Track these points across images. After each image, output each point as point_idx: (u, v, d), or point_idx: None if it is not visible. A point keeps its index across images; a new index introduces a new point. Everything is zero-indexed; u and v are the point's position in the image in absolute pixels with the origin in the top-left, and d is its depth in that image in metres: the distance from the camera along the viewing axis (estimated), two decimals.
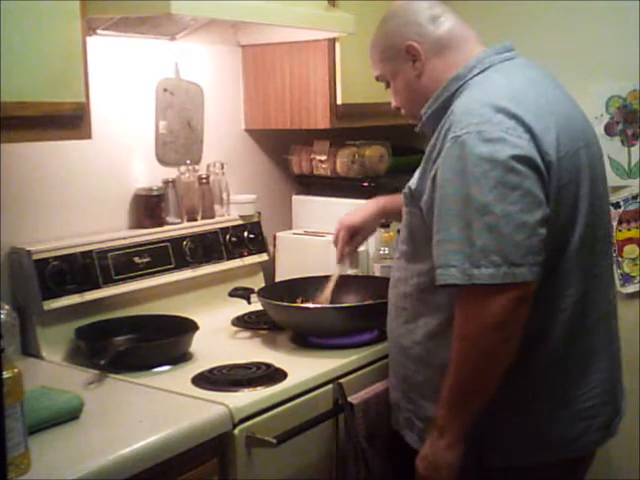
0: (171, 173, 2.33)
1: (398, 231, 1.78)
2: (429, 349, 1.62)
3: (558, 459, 1.59)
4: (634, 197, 2.52)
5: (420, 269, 1.61)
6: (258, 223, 2.51)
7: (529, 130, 1.45)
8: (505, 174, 1.41)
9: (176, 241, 2.24)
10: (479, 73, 1.59)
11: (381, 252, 2.39)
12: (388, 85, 1.75)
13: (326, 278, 2.13)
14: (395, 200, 1.90)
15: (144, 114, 2.28)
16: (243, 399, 1.65)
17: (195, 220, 2.35)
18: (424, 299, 1.62)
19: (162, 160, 2.33)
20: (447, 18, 1.66)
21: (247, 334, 2.14)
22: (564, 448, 1.58)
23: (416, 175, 1.62)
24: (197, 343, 1.94)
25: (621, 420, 1.68)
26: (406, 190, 1.65)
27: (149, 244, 2.17)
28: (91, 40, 1.82)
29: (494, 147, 1.42)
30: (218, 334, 2.12)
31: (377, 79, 1.77)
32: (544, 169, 1.45)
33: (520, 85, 1.56)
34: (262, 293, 2.11)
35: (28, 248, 1.92)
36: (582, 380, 1.58)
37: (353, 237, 2.07)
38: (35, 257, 1.91)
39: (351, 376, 1.88)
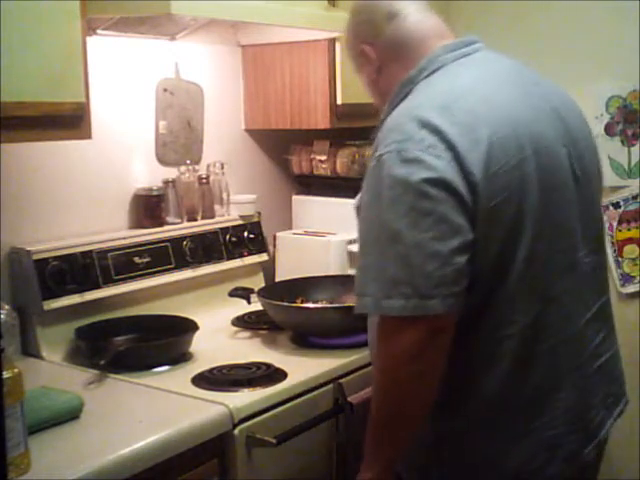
0: (171, 173, 2.33)
1: None
2: None
3: None
4: (634, 197, 2.52)
5: None
6: (258, 223, 2.50)
7: (452, 147, 1.32)
8: (417, 199, 1.30)
9: (176, 241, 2.24)
10: (428, 75, 1.47)
11: None
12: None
13: (326, 278, 2.12)
14: None
15: (144, 114, 2.28)
16: (243, 399, 1.65)
17: (195, 220, 2.35)
18: None
19: (162, 160, 2.33)
20: (408, 13, 1.52)
21: (247, 334, 2.14)
22: None
23: (361, 190, 1.49)
24: (197, 343, 1.94)
25: (605, 443, 1.55)
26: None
27: (149, 244, 2.17)
28: (91, 40, 1.82)
29: (409, 169, 1.31)
30: (218, 334, 2.12)
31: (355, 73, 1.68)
32: (466, 191, 1.32)
33: (461, 89, 1.42)
34: (262, 293, 2.11)
35: (28, 248, 1.92)
36: (542, 408, 1.45)
37: None
38: (35, 257, 1.91)
39: (351, 376, 1.88)
